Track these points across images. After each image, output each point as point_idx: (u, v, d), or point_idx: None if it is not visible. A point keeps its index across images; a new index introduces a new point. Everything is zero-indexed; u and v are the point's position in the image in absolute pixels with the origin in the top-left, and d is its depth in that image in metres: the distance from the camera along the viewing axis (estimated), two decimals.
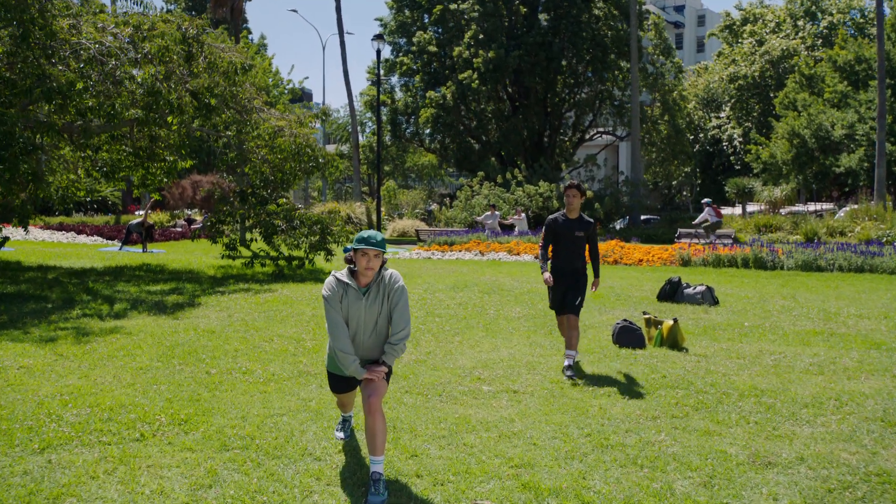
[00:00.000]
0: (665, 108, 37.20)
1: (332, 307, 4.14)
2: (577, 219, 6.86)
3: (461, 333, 8.48)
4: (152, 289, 11.76)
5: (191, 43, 12.42)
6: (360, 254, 4.14)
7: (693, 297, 10.96)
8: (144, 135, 14.53)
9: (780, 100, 36.93)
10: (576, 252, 6.81)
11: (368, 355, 4.27)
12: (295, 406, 5.51)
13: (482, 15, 35.23)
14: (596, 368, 6.86)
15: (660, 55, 37.26)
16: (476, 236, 20.60)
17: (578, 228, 6.81)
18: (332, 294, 4.16)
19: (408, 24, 37.50)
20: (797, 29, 49.78)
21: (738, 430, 5.10)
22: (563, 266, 6.84)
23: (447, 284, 12.56)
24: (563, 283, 6.81)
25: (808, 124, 32.53)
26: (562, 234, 6.80)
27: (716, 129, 49.77)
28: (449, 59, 35.97)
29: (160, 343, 7.60)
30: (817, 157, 32.44)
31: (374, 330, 4.22)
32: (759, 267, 15.36)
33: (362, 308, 4.18)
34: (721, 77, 49.67)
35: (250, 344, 7.67)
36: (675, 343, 7.83)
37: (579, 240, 6.80)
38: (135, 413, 5.18)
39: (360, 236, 4.17)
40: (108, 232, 23.63)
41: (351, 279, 4.20)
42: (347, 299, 4.17)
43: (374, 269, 4.16)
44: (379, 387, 4.14)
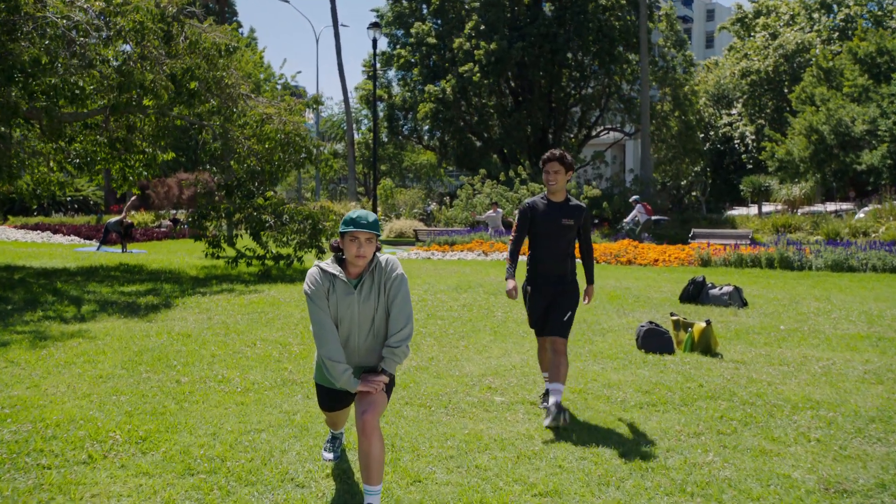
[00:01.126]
0: (676, 103, 36.63)
1: (318, 305, 3.51)
2: (564, 202, 5.24)
3: (467, 337, 7.86)
4: (126, 290, 11.13)
5: (170, 22, 11.80)
6: (348, 238, 3.52)
7: (720, 299, 10.35)
8: (122, 124, 13.89)
9: (797, 94, 36.34)
10: (562, 249, 5.21)
11: (364, 361, 3.65)
12: (276, 420, 4.87)
13: (484, 5, 34.66)
14: (622, 376, 6.23)
15: (671, 47, 36.70)
16: (478, 235, 20.00)
17: (566, 215, 5.18)
18: (316, 289, 3.53)
19: (405, 14, 36.93)
20: (812, 22, 49.24)
21: (799, 449, 4.47)
22: (545, 270, 5.24)
23: (449, 285, 11.95)
24: (545, 293, 5.24)
25: (826, 120, 31.93)
26: (543, 224, 5.19)
27: (727, 127, 49.20)
28: (449, 51, 35.40)
29: (127, 348, 6.96)
30: (837, 155, 31.84)
31: (370, 331, 3.60)
32: (786, 267, 14.77)
33: (355, 304, 3.56)
34: (732, 72, 49.11)
35: (229, 349, 7.03)
36: (707, 348, 7.22)
37: (567, 231, 5.19)
38: (85, 429, 4.53)
39: (348, 217, 3.55)
40: (86, 231, 22.98)
41: (339, 269, 3.58)
42: (336, 294, 3.55)
43: (367, 256, 3.53)
44: (377, 402, 3.51)
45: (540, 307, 5.25)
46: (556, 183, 5.18)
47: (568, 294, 5.22)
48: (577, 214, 5.23)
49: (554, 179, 5.19)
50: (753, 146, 46.38)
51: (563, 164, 5.19)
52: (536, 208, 5.25)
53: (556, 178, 5.18)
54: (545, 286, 5.25)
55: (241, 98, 14.05)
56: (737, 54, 50.89)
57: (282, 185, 46.05)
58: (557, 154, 5.18)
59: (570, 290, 5.24)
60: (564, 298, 5.20)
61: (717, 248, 16.47)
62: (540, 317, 5.28)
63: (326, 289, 3.54)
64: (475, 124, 36.37)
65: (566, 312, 5.19)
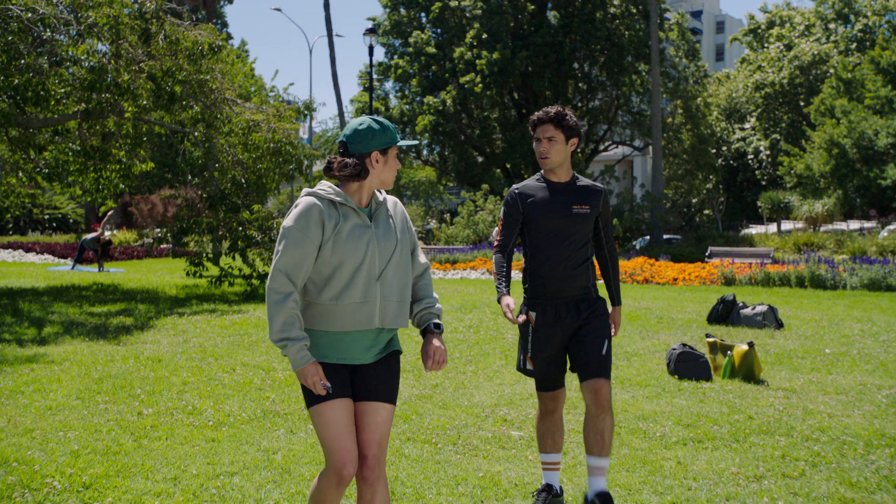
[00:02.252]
0: (688, 115, 36.21)
1: (309, 241, 2.80)
2: (570, 183, 3.76)
3: (475, 362, 7.24)
4: (96, 310, 10.51)
5: (148, 19, 11.28)
6: (390, 155, 2.94)
7: (752, 319, 9.74)
8: (96, 131, 13.33)
9: (816, 106, 35.94)
10: (576, 253, 3.71)
11: (379, 321, 2.91)
12: (252, 461, 4.24)
13: (486, 13, 34.32)
14: (656, 407, 5.60)
15: (682, 58, 36.34)
16: (482, 253, 19.41)
17: (576, 200, 3.72)
18: (312, 225, 2.81)
19: (403, 23, 36.59)
20: (828, 32, 49.03)
21: (886, 497, 3.84)
22: (554, 290, 3.71)
23: (453, 305, 11.34)
24: (559, 326, 3.72)
25: (848, 133, 31.47)
26: (543, 217, 3.71)
27: (740, 142, 48.82)
28: (449, 61, 35.01)
29: (86, 374, 6.32)
30: (859, 170, 31.35)
31: (395, 276, 2.93)
32: (817, 286, 14.17)
33: (374, 241, 2.88)
34: (745, 85, 48.81)
35: (204, 375, 6.40)
36: (750, 374, 6.59)
37: (580, 224, 3.71)
38: (17, 474, 3.89)
39: (379, 125, 2.92)
40: (61, 250, 22.35)
41: (346, 196, 2.91)
42: (345, 230, 2.84)
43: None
44: (384, 428, 2.91)
45: (551, 346, 3.73)
46: (550, 156, 3.66)
47: (597, 317, 3.74)
48: (594, 199, 3.73)
49: (547, 151, 3.66)
50: (768, 161, 45.95)
51: (559, 126, 3.64)
52: (530, 195, 3.74)
53: (551, 148, 3.65)
54: (557, 316, 3.71)
55: (227, 103, 13.51)
56: (750, 66, 50.62)
57: (274, 201, 45.53)
58: (552, 113, 3.67)
59: (598, 311, 3.76)
60: (594, 323, 3.72)
61: (741, 265, 15.88)
62: (553, 362, 3.76)
63: (334, 224, 2.83)
64: (477, 138, 35.90)
65: (602, 342, 3.69)
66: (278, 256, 2.83)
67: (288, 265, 2.81)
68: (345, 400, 2.88)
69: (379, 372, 2.95)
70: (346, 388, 2.90)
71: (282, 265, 2.82)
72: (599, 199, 3.79)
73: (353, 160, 2.91)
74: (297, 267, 2.82)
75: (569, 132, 3.70)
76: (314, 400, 2.86)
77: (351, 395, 2.91)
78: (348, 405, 2.89)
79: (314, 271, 2.87)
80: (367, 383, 2.93)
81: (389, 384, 2.96)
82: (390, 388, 2.96)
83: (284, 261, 2.81)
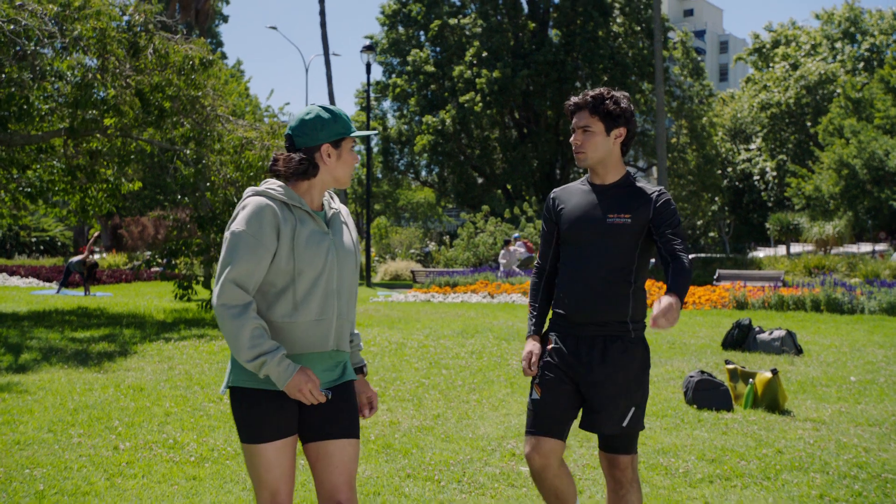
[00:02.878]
0: (693, 135, 36.10)
1: (263, 248, 2.50)
2: (616, 185, 3.14)
3: (478, 390, 6.93)
4: (79, 336, 10.19)
5: (136, 32, 11.08)
6: (345, 148, 2.66)
7: (770, 345, 9.44)
8: (83, 149, 13.09)
9: (824, 126, 35.85)
10: (606, 274, 3.05)
11: (332, 345, 2.65)
12: (237, 501, 3.92)
13: (486, 31, 34.33)
14: (676, 440, 5.28)
15: (687, 76, 36.31)
16: (483, 276, 19.11)
17: (615, 207, 3.08)
18: (266, 230, 2.51)
19: (402, 41, 36.59)
20: (835, 51, 49.15)
21: None
22: (572, 310, 3.09)
23: (454, 330, 11.03)
24: (573, 362, 3.08)
25: (858, 153, 31.34)
26: (573, 223, 3.13)
27: (746, 163, 48.74)
28: (448, 79, 34.95)
29: (61, 405, 6.01)
30: (870, 191, 31.17)
31: (350, 292, 2.70)
32: (833, 310, 13.87)
33: (333, 251, 2.61)
34: (751, 105, 48.81)
35: (189, 405, 6.09)
36: (774, 403, 6.29)
37: (616, 236, 3.06)
38: None
39: (331, 114, 2.64)
40: (46, 273, 22.02)
41: (300, 199, 2.62)
42: (302, 236, 2.56)
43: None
44: (351, 466, 2.63)
45: (562, 378, 3.08)
46: (585, 151, 3.09)
47: (627, 369, 3.02)
48: (640, 205, 3.06)
49: (583, 144, 3.09)
50: (774, 183, 45.84)
51: (595, 112, 3.06)
52: (564, 200, 3.20)
53: (587, 141, 3.08)
54: (576, 350, 3.06)
55: (219, 120, 13.29)
56: (755, 86, 50.68)
57: None
58: (589, 96, 3.10)
59: (631, 361, 3.03)
60: (620, 377, 3.02)
61: (753, 289, 15.59)
62: (561, 396, 3.09)
63: (291, 229, 2.53)
64: (477, 158, 35.76)
65: (626, 408, 3.02)
66: (228, 267, 2.48)
67: (240, 276, 2.48)
68: (291, 440, 2.58)
69: (336, 403, 2.62)
70: (293, 424, 2.60)
71: (233, 276, 2.47)
72: (648, 206, 3.06)
73: (300, 155, 2.61)
74: (249, 277, 2.50)
75: (610, 121, 3.07)
76: (254, 436, 2.54)
77: (297, 431, 2.61)
78: (293, 446, 2.60)
79: (265, 283, 2.55)
80: (325, 417, 2.60)
81: (350, 416, 2.65)
82: (351, 420, 2.65)
83: (236, 271, 2.47)
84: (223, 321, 2.47)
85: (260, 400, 2.54)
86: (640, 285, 3.08)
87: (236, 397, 2.58)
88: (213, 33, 52.76)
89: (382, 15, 37.23)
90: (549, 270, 3.23)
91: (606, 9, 34.90)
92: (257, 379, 2.53)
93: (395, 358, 8.57)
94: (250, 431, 2.54)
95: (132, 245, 32.69)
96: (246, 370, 2.53)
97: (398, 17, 36.95)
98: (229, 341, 2.48)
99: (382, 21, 37.52)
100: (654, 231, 3.05)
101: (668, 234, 3.03)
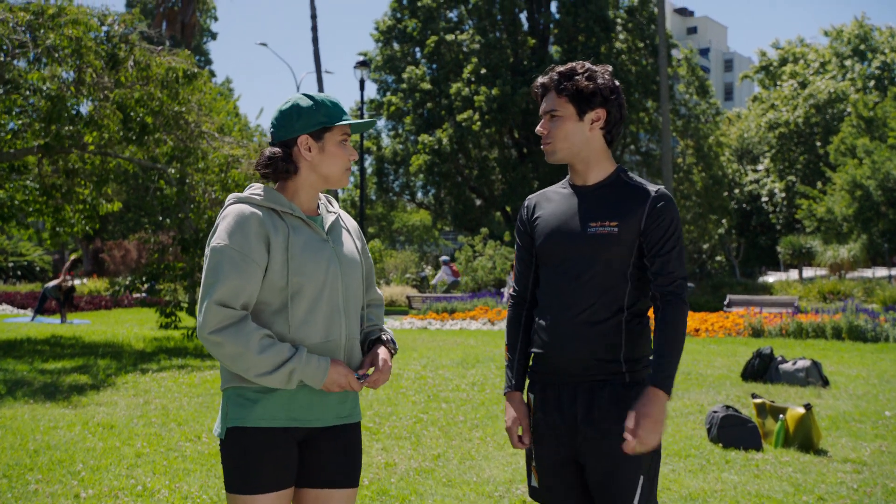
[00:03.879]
0: (699, 155, 35.96)
1: (252, 263, 2.20)
2: (602, 186, 2.56)
3: (482, 426, 6.57)
4: (49, 367, 9.81)
5: (116, 43, 10.80)
6: (337, 138, 2.35)
7: (794, 376, 9.09)
8: (59, 167, 12.77)
9: (836, 146, 35.74)
10: (593, 299, 2.47)
11: (352, 366, 2.38)
12: None
13: (484, 47, 34.25)
14: (704, 483, 4.92)
15: (693, 94, 36.23)
16: (482, 302, 18.77)
17: (599, 213, 2.50)
18: (252, 240, 2.21)
19: (396, 58, 36.49)
20: (844, 69, 49.23)
21: None
22: (550, 358, 2.53)
23: (453, 360, 10.67)
24: (558, 421, 2.50)
25: (872, 174, 31.15)
26: (545, 239, 2.57)
27: (753, 184, 48.61)
28: (445, 97, 34.81)
29: (21, 445, 5.62)
30: (885, 213, 30.94)
31: (358, 308, 2.42)
32: (856, 338, 13.54)
33: (334, 259, 2.32)
34: (758, 124, 48.78)
35: (163, 445, 5.71)
36: (808, 441, 5.93)
37: (599, 249, 2.47)
38: None
39: (321, 101, 2.34)
40: (21, 299, 21.62)
41: (290, 204, 2.32)
42: (295, 244, 2.26)
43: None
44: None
45: (555, 452, 2.52)
46: (552, 140, 2.53)
47: (615, 415, 2.42)
48: (631, 209, 2.47)
49: (549, 133, 2.54)
50: (784, 204, 45.65)
51: (562, 92, 2.49)
52: (540, 207, 2.63)
53: (557, 129, 2.51)
54: (558, 404, 2.49)
55: (203, 137, 12.99)
56: (762, 105, 50.70)
57: None
58: (557, 73, 2.53)
59: (620, 403, 2.44)
60: (606, 427, 2.42)
61: (769, 315, 15.26)
62: (562, 478, 2.52)
63: (284, 238, 2.25)
64: (475, 179, 35.54)
65: (631, 479, 2.41)
66: (212, 287, 2.18)
67: (226, 297, 2.17)
68: (287, 492, 2.27)
69: (338, 446, 2.34)
70: (291, 473, 2.28)
71: (218, 298, 2.16)
72: (642, 209, 2.45)
73: (272, 150, 2.32)
74: (237, 298, 2.19)
75: (581, 101, 2.47)
76: (249, 486, 2.21)
77: (294, 481, 2.30)
78: (289, 500, 2.29)
79: (258, 303, 2.26)
80: (324, 461, 2.32)
81: (353, 462, 2.38)
82: (354, 467, 2.38)
83: (221, 292, 2.16)
84: (218, 347, 2.17)
85: (262, 443, 2.23)
86: (638, 312, 2.49)
87: (234, 440, 2.25)
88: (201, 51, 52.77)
89: (377, 31, 37.18)
90: (530, 300, 2.65)
91: (609, 25, 34.89)
92: (261, 416, 2.22)
93: (390, 390, 8.20)
94: (246, 480, 2.22)
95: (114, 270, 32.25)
96: (246, 406, 2.23)
97: (393, 33, 36.89)
98: (236, 365, 2.17)
99: (377, 37, 37.45)
100: (644, 250, 2.46)
101: (659, 259, 2.44)
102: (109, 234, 34.79)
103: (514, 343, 2.64)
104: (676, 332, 2.41)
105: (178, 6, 26.62)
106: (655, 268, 2.45)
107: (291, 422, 2.26)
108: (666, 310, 2.44)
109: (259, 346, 2.15)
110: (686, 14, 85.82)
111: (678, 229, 2.48)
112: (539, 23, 36.24)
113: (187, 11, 26.04)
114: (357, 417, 2.41)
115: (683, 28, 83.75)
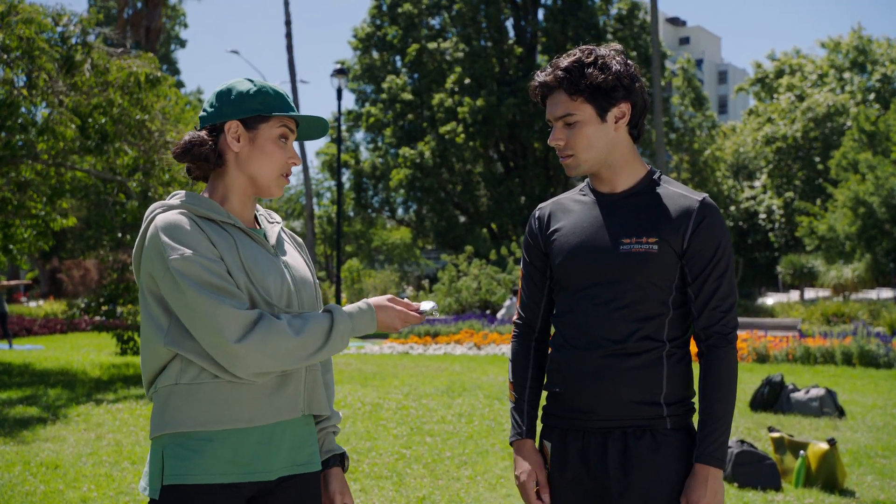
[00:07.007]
0: (695, 170, 35.98)
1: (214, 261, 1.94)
2: (633, 193, 2.23)
3: (471, 463, 6.24)
4: None
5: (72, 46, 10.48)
6: (275, 131, 2.05)
7: (807, 405, 8.84)
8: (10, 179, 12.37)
9: (837, 161, 35.86)
10: (625, 328, 2.15)
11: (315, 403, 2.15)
12: None
13: (468, 56, 34.19)
14: None
15: (688, 107, 36.29)
16: (467, 324, 18.47)
17: (634, 227, 2.18)
18: (202, 243, 1.93)
19: (376, 67, 36.38)
20: (843, 82, 49.61)
21: None
22: (573, 399, 2.20)
23: (438, 388, 10.35)
24: (581, 476, 2.19)
25: (875, 190, 31.22)
26: (566, 258, 2.23)
27: (750, 201, 48.75)
28: (427, 108, 34.70)
29: None
30: (889, 231, 31.00)
31: None
32: (867, 364, 13.34)
33: (287, 278, 2.06)
34: (754, 139, 49.01)
35: (113, 487, 5.34)
36: (832, 480, 5.65)
37: (633, 273, 2.15)
38: None
39: (260, 89, 2.05)
40: None
41: (226, 212, 2.02)
42: (248, 257, 1.99)
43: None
44: None
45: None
46: (576, 152, 2.20)
47: (656, 467, 2.13)
48: (674, 222, 2.16)
49: (569, 144, 2.19)
50: (782, 222, 45.77)
51: (577, 91, 2.15)
52: (558, 218, 2.30)
53: (577, 137, 2.18)
54: (583, 457, 2.19)
55: (168, 147, 12.65)
56: (758, 118, 50.96)
57: None
58: (560, 70, 2.17)
59: (661, 451, 2.14)
60: (646, 483, 2.12)
61: (773, 339, 15.06)
62: None
63: (234, 249, 1.99)
64: (459, 194, 35.38)
65: None
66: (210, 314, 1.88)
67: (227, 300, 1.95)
68: None
69: (294, 501, 2.07)
70: None
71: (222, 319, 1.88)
72: (686, 223, 2.13)
73: (199, 133, 2.02)
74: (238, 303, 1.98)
75: (602, 97, 2.14)
76: None
77: None
78: None
79: None
80: None
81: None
82: None
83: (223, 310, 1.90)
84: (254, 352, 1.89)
85: (207, 501, 1.92)
86: (680, 344, 2.18)
87: (172, 500, 1.92)
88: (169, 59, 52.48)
89: (355, 38, 37.08)
90: (540, 328, 2.34)
91: (599, 33, 34.95)
92: (206, 469, 1.92)
93: (369, 422, 7.86)
94: None
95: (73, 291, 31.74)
96: (187, 459, 1.92)
97: (372, 41, 36.79)
98: (285, 360, 1.93)
99: (355, 45, 37.34)
100: (688, 276, 2.15)
101: (706, 289, 2.13)
102: (68, 253, 34.23)
103: (521, 382, 2.33)
104: (726, 388, 2.13)
105: (143, 11, 26.37)
106: (701, 300, 2.16)
107: (242, 476, 1.96)
108: (712, 358, 2.14)
109: (293, 327, 1.92)
110: (678, 24, 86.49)
111: (728, 250, 2.18)
112: (526, 31, 36.26)
113: (153, 16, 25.76)
114: (316, 466, 2.13)
115: (676, 38, 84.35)
